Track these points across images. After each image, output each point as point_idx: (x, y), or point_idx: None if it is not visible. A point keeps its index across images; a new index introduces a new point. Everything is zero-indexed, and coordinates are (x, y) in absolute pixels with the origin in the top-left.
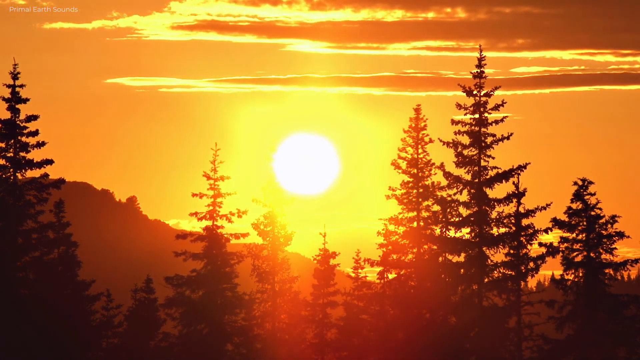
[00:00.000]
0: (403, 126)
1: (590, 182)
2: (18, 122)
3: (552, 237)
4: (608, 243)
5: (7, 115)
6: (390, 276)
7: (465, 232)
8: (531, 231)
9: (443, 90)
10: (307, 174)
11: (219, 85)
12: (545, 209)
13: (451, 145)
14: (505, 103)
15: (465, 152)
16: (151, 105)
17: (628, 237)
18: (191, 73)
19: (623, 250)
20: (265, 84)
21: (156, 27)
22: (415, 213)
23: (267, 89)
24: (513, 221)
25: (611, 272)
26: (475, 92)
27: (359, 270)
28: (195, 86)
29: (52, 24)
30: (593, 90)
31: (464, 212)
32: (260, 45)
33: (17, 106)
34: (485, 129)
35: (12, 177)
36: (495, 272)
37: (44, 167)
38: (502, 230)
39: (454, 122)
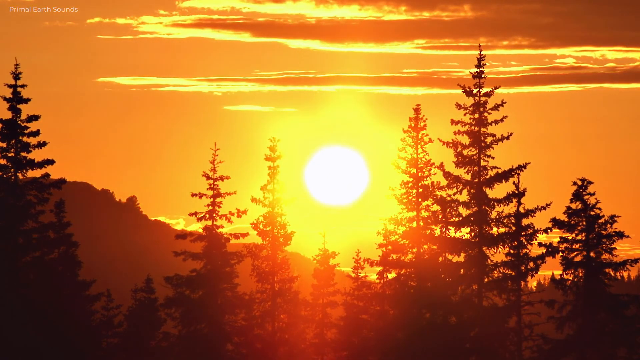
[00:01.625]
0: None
1: (590, 182)
2: (19, 122)
3: (552, 237)
4: (607, 243)
5: (8, 115)
6: (390, 276)
7: (465, 232)
8: (531, 231)
9: (443, 89)
10: (335, 183)
11: (219, 84)
12: (545, 208)
13: (451, 145)
14: (505, 103)
15: (465, 152)
16: (151, 105)
17: (628, 236)
18: (191, 72)
19: (625, 248)
20: (263, 83)
21: (155, 26)
22: (415, 213)
23: (264, 88)
24: (513, 221)
25: (611, 272)
26: (475, 92)
27: (359, 270)
28: (195, 85)
29: (51, 23)
30: (594, 89)
31: (464, 212)
32: (259, 43)
33: (18, 106)
34: (485, 129)
35: (13, 177)
36: (495, 272)
37: (45, 167)
38: (502, 230)
39: (453, 122)
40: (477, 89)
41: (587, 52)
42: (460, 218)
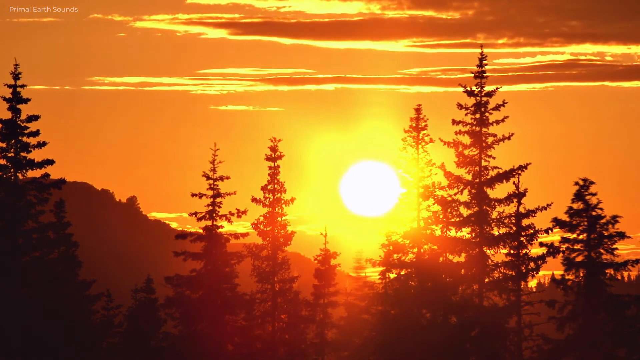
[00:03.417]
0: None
1: (592, 182)
2: (19, 122)
3: (553, 237)
4: (609, 243)
5: (8, 115)
6: (392, 276)
7: (465, 232)
8: (532, 231)
9: (444, 88)
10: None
11: (218, 83)
12: (545, 209)
13: (452, 145)
14: (506, 103)
15: (466, 152)
16: (152, 104)
17: (629, 237)
18: (191, 71)
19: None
20: (261, 82)
21: (153, 23)
22: (415, 213)
23: (263, 87)
24: (513, 221)
25: (612, 272)
26: (476, 92)
27: (361, 271)
28: (195, 84)
29: (50, 21)
30: (594, 87)
31: (465, 212)
32: (258, 42)
33: (18, 106)
34: (486, 129)
35: (12, 177)
36: (495, 272)
37: (45, 167)
38: (503, 230)
39: (454, 122)
40: (479, 89)
41: (587, 49)
42: (460, 218)
